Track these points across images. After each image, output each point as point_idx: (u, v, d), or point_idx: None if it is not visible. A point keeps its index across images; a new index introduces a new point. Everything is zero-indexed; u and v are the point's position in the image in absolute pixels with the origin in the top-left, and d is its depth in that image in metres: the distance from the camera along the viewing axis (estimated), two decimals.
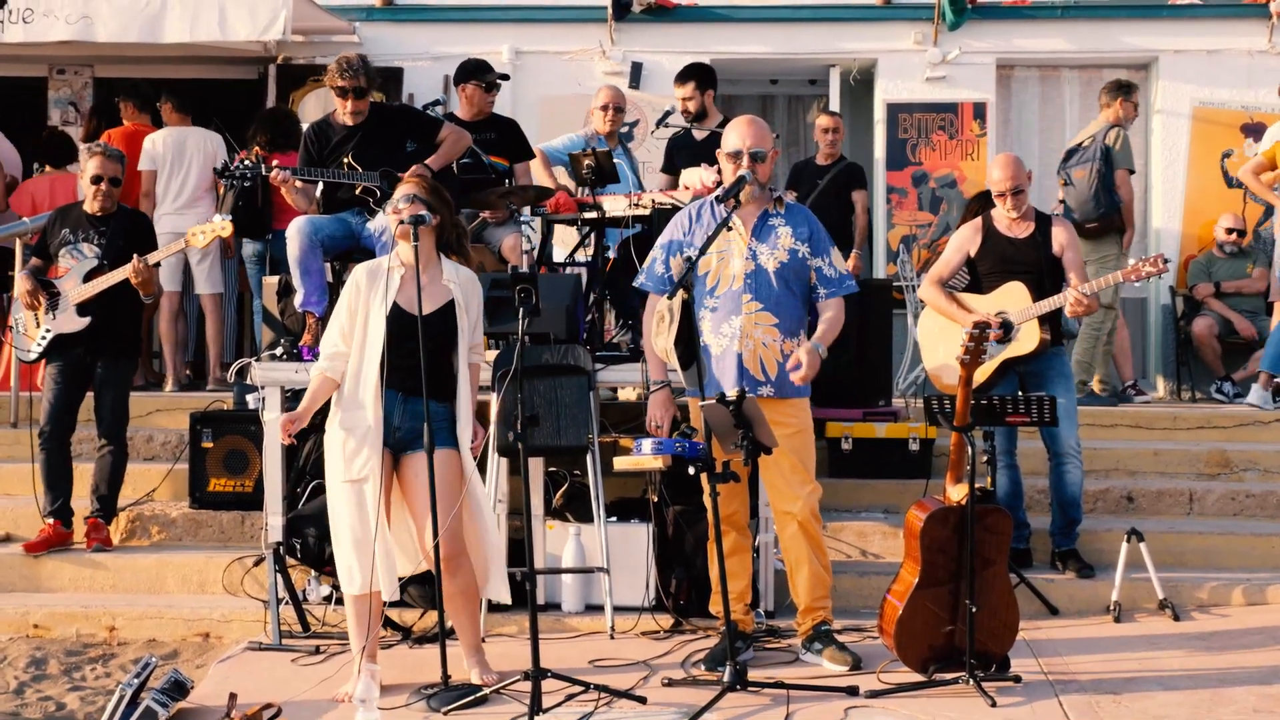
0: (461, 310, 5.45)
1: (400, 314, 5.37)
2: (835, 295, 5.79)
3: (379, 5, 11.02)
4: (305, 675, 5.71)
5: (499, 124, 8.13)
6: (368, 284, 5.44)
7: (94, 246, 7.17)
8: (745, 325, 5.65)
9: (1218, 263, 10.35)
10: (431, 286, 5.42)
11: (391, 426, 5.37)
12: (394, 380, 5.34)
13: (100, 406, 7.19)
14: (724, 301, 5.70)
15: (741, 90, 11.89)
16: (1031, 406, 5.67)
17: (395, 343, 5.33)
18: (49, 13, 9.58)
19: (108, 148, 7.36)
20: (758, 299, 5.67)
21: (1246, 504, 7.68)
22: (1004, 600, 5.42)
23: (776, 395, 5.66)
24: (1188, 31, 10.88)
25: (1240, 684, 5.47)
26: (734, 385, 5.56)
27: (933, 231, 10.82)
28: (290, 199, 7.18)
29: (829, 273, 5.79)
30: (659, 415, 5.85)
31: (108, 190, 7.22)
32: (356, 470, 5.31)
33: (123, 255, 7.03)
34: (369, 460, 5.29)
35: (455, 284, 5.48)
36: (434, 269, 5.49)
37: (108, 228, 7.21)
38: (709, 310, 5.70)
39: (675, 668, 5.72)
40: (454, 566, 5.35)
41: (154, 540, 7.37)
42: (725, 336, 5.68)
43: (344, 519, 5.36)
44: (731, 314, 5.68)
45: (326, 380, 5.43)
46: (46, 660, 6.22)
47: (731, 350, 5.66)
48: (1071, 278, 6.66)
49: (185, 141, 9.52)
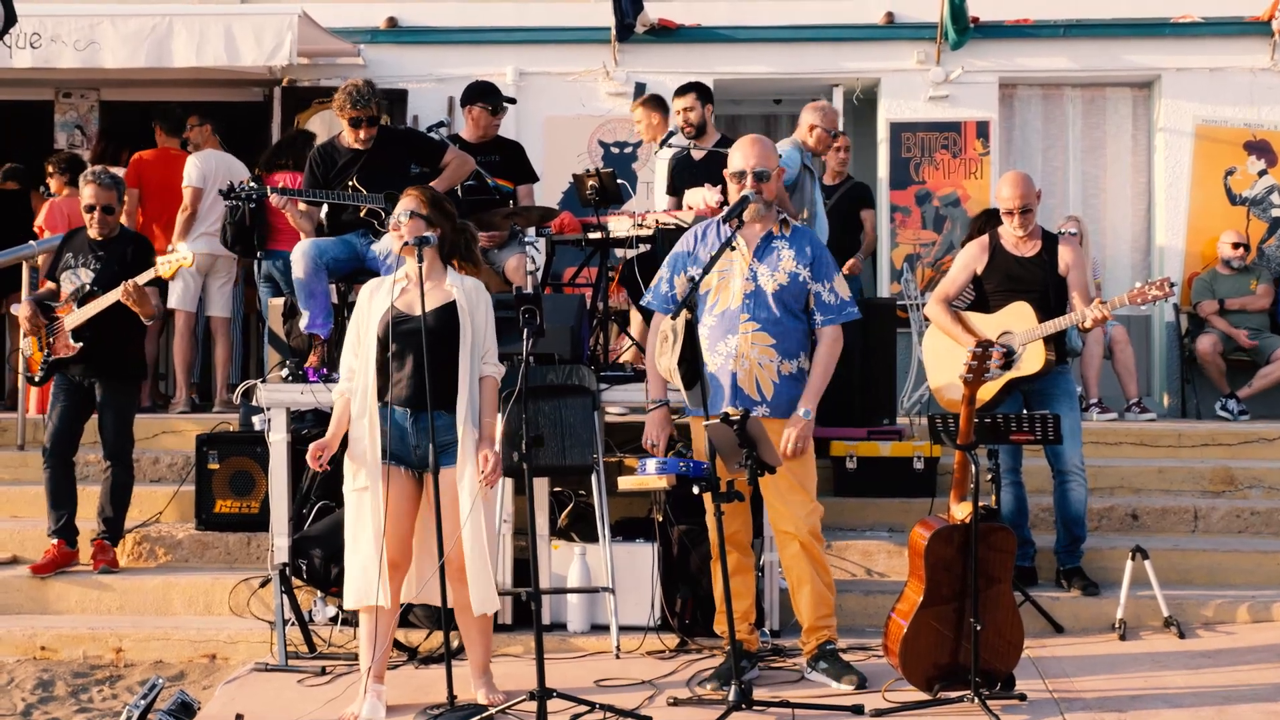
0: (464, 313, 5.40)
1: (399, 317, 5.37)
2: (833, 323, 5.75)
3: (383, 28, 11.06)
4: (312, 696, 5.72)
5: (504, 146, 8.16)
6: (370, 301, 5.46)
7: (90, 271, 7.19)
8: (741, 345, 5.66)
9: (1221, 279, 10.35)
10: (433, 292, 5.42)
11: (410, 445, 5.39)
12: (399, 395, 5.35)
13: (103, 429, 7.20)
14: (722, 320, 5.71)
15: (745, 110, 11.94)
16: (1035, 425, 5.68)
17: (394, 348, 5.34)
18: (56, 38, 9.62)
19: (101, 175, 7.32)
20: (755, 319, 5.67)
21: (1251, 521, 7.68)
22: (1009, 618, 5.42)
23: (773, 415, 5.66)
24: (1190, 50, 10.88)
25: (1246, 701, 5.48)
26: (727, 404, 5.57)
27: (936, 250, 10.83)
28: (294, 221, 7.21)
29: (828, 299, 5.76)
30: (655, 434, 5.85)
31: (100, 218, 7.22)
32: (360, 481, 5.36)
33: (116, 279, 7.00)
34: (370, 472, 5.31)
35: (458, 288, 5.46)
36: (437, 277, 5.49)
37: (106, 252, 7.22)
38: (707, 328, 5.71)
39: (681, 687, 5.72)
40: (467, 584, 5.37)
41: (160, 562, 7.39)
42: (720, 355, 5.68)
43: (349, 530, 5.40)
44: (728, 333, 5.69)
45: (347, 401, 5.45)
46: (54, 682, 6.24)
47: (726, 369, 5.67)
48: (1074, 298, 6.66)
49: (232, 166, 9.56)
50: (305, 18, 9.78)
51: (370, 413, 5.34)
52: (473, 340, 5.41)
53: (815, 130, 8.15)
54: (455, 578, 5.35)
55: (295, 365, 6.94)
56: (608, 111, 10.97)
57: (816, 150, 8.23)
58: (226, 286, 9.67)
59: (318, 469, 5.45)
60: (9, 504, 7.93)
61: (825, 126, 8.18)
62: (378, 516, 5.28)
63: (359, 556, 5.35)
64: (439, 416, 5.30)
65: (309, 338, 7.09)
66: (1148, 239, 11.15)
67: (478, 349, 5.43)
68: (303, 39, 9.80)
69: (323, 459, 5.38)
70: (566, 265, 8.94)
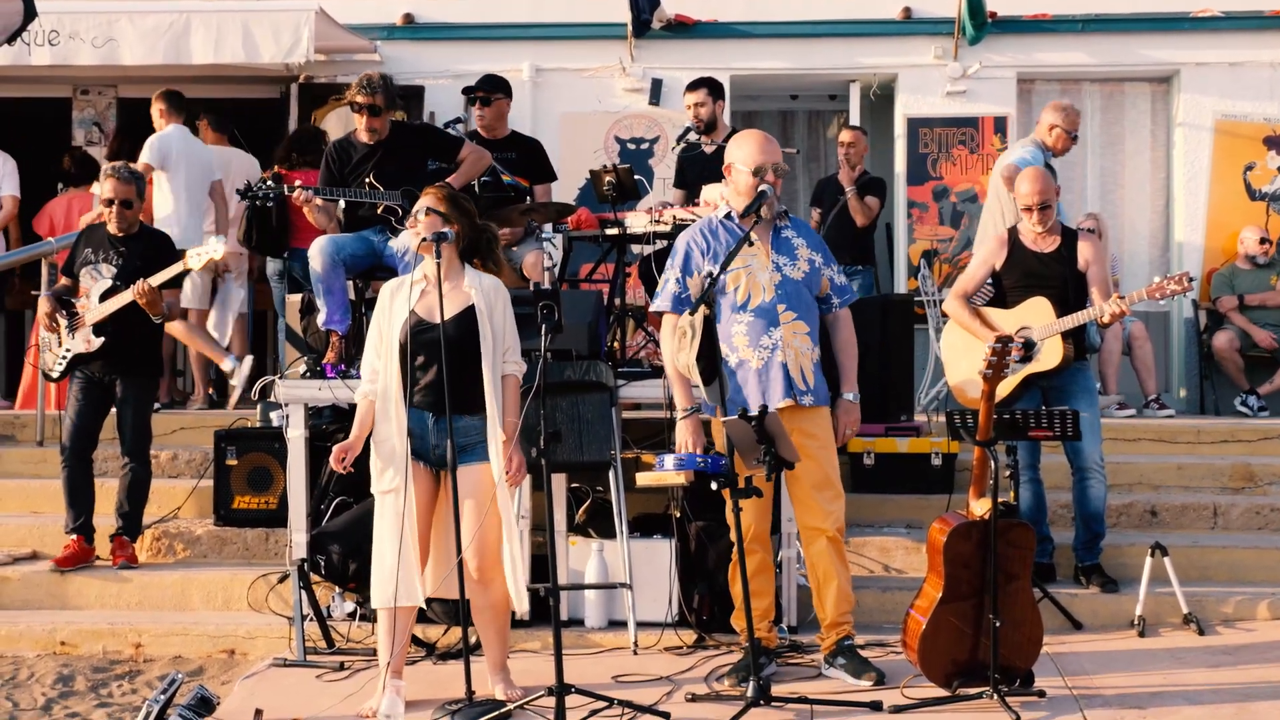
0: (483, 316, 5.39)
1: (420, 324, 5.38)
2: (846, 305, 5.91)
3: (400, 24, 11.07)
4: (330, 691, 5.73)
5: (521, 143, 8.17)
6: (390, 302, 5.46)
7: (111, 267, 7.19)
8: (786, 335, 5.65)
9: (1241, 275, 10.31)
10: (452, 294, 5.42)
11: (430, 445, 5.40)
12: (422, 399, 5.36)
13: (121, 425, 7.22)
14: (760, 314, 5.68)
15: (762, 106, 11.91)
16: (1054, 421, 5.66)
17: (416, 355, 5.35)
18: (74, 35, 9.66)
19: (120, 170, 7.33)
20: (792, 308, 5.68)
21: (1271, 518, 7.64)
22: (1028, 615, 5.40)
23: (815, 404, 5.69)
24: (1209, 44, 10.84)
25: (1266, 698, 5.45)
26: (783, 396, 5.59)
27: (954, 246, 10.81)
28: (312, 218, 7.21)
29: (840, 281, 5.91)
30: (689, 443, 5.68)
31: (119, 212, 7.22)
32: (386, 482, 5.36)
33: (138, 276, 7.03)
34: (395, 474, 5.32)
35: (477, 289, 5.44)
36: (455, 278, 5.48)
37: (127, 248, 7.24)
38: (743, 326, 5.68)
39: (699, 683, 5.72)
40: (487, 580, 5.38)
41: (179, 557, 7.41)
42: (766, 349, 5.66)
43: (378, 530, 5.41)
44: (770, 326, 5.66)
45: (370, 403, 5.45)
46: (73, 677, 6.26)
47: (776, 361, 5.64)
48: (1094, 293, 6.65)
49: (229, 163, 9.58)
50: (322, 14, 9.80)
51: (398, 418, 5.35)
52: (494, 343, 5.40)
53: (1055, 130, 8.08)
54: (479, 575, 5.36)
55: (313, 361, 6.96)
56: (624, 107, 10.98)
57: (1057, 151, 8.12)
58: (240, 282, 9.66)
59: (341, 471, 5.45)
60: (29, 499, 7.96)
61: (1066, 127, 8.06)
62: (406, 517, 5.28)
63: (390, 556, 5.34)
64: (460, 419, 5.31)
65: (326, 334, 7.10)
66: (1166, 235, 11.12)
67: (499, 349, 5.42)
68: (320, 35, 9.82)
69: (346, 460, 5.39)
70: (583, 261, 8.94)
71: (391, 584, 5.29)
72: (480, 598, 5.39)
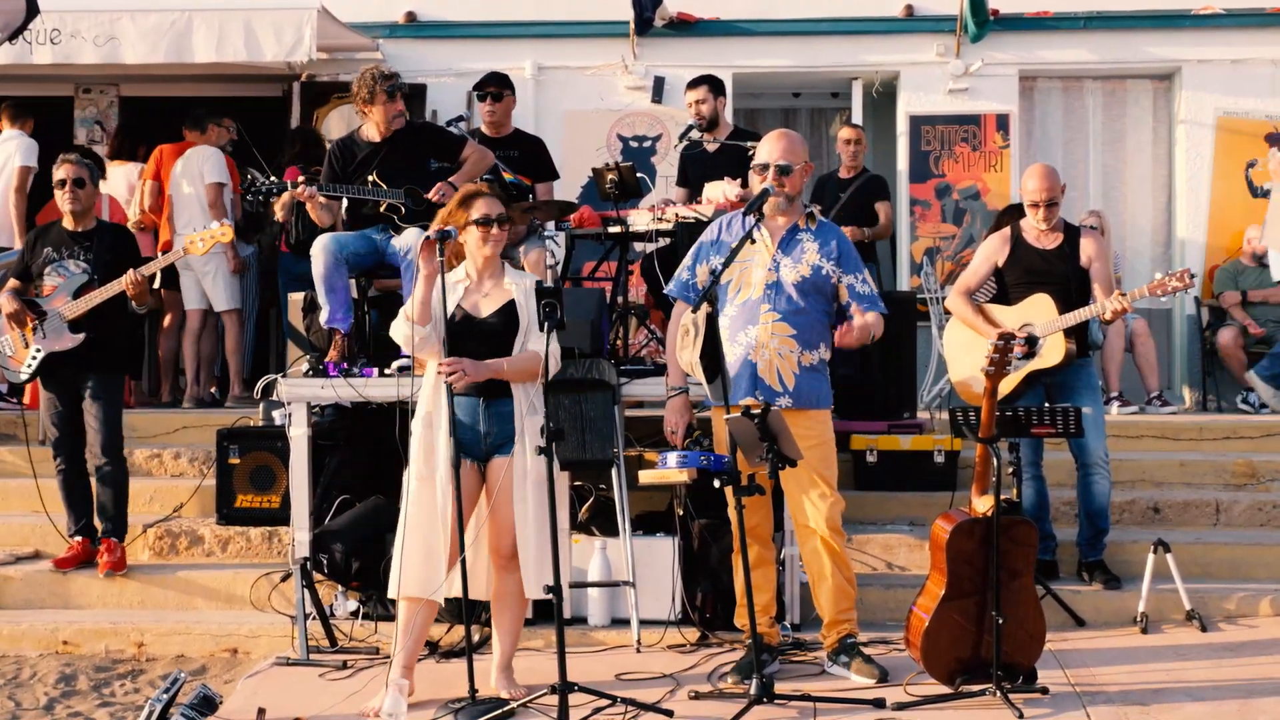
0: (522, 309, 5.46)
1: (465, 320, 5.43)
2: (873, 309, 5.79)
3: (402, 22, 11.07)
4: (333, 690, 5.73)
5: (523, 141, 8.17)
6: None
7: (80, 262, 7.03)
8: (761, 335, 5.66)
9: (1245, 271, 10.31)
10: (494, 291, 5.50)
11: (480, 434, 5.42)
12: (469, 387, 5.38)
13: (93, 424, 7.04)
14: (743, 310, 5.72)
15: (764, 104, 11.91)
16: (1057, 418, 5.66)
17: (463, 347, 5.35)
18: (76, 34, 9.66)
19: (79, 157, 7.26)
20: (775, 309, 5.68)
21: (1274, 514, 7.63)
22: (1030, 612, 5.40)
23: (794, 406, 5.66)
24: (1211, 41, 10.84)
25: (1269, 695, 5.45)
26: (745, 394, 5.60)
27: (956, 243, 10.81)
28: (314, 215, 7.21)
29: (862, 289, 5.79)
30: (675, 421, 5.89)
31: (72, 191, 7.05)
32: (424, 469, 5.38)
33: (112, 268, 6.94)
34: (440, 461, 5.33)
35: (516, 285, 5.52)
36: (496, 274, 5.55)
37: (92, 243, 7.09)
38: (729, 319, 5.73)
39: (702, 681, 5.73)
40: (512, 567, 5.42)
41: (182, 556, 7.41)
42: (740, 345, 5.69)
43: (405, 517, 5.41)
44: (748, 323, 5.69)
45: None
46: (76, 676, 6.27)
47: (746, 360, 5.68)
48: (1097, 290, 6.65)
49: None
50: (324, 12, 9.79)
51: (441, 404, 5.34)
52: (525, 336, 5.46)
53: None
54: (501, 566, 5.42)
55: (316, 360, 6.96)
56: (626, 105, 10.98)
57: None
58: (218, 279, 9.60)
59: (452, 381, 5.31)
60: (30, 498, 7.92)
61: None
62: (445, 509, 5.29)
63: (420, 546, 5.34)
64: (505, 404, 5.40)
65: (329, 332, 7.10)
66: (1168, 232, 11.12)
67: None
68: (322, 34, 9.80)
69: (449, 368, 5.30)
70: (586, 259, 8.94)
71: (422, 573, 5.30)
72: (500, 584, 5.47)
